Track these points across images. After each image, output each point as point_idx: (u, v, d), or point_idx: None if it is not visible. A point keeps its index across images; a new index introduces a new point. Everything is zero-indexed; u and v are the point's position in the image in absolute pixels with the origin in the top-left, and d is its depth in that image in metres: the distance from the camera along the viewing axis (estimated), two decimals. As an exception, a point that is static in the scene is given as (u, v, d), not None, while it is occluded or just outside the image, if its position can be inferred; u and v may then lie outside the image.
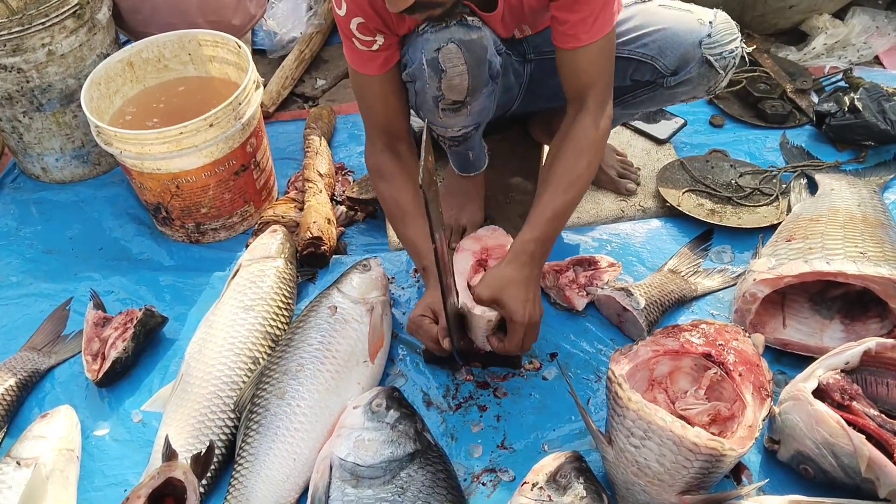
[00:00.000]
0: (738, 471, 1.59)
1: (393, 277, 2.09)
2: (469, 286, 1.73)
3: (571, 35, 1.59)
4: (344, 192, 2.35)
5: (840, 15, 2.86)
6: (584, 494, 1.43)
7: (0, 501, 1.54)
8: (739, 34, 1.80)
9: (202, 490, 1.58)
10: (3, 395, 1.82)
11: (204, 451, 1.55)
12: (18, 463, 1.62)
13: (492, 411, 1.77)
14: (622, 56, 1.75)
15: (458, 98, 1.58)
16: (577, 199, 1.69)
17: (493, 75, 1.62)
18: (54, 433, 1.69)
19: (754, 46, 2.18)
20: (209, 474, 1.61)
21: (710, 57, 1.74)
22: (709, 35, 1.74)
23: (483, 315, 1.65)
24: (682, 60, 1.76)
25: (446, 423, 1.76)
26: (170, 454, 1.45)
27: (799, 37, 2.89)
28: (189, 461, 1.51)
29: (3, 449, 1.75)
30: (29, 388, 1.90)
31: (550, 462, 1.51)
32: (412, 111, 1.80)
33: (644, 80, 1.83)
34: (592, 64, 1.62)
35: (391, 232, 2.23)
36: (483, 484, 1.64)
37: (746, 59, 1.88)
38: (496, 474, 1.66)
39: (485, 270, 1.73)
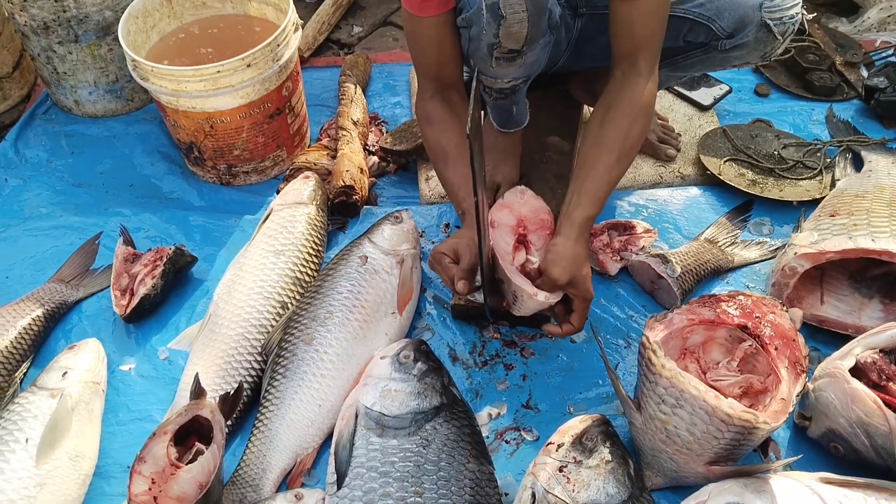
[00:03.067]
0: (765, 445, 1.57)
1: (423, 231, 2.07)
2: (523, 269, 1.64)
3: None
4: (377, 142, 2.32)
5: (895, -12, 2.77)
6: (610, 459, 1.42)
7: (25, 430, 1.55)
8: None
9: (226, 430, 1.58)
10: (30, 324, 1.82)
11: (233, 391, 1.55)
12: (45, 392, 1.62)
13: (518, 370, 1.76)
14: (677, 15, 1.70)
15: (514, 47, 1.52)
16: (628, 168, 1.65)
17: (552, 25, 1.56)
18: (81, 365, 1.70)
19: (814, 14, 2.09)
20: (234, 415, 1.61)
21: (769, 21, 1.68)
22: None
23: (547, 300, 1.55)
24: (740, 23, 1.70)
25: (472, 380, 1.75)
26: (198, 392, 1.44)
27: (851, 8, 2.80)
28: (216, 400, 1.50)
29: (28, 378, 1.76)
30: (56, 319, 1.90)
31: (577, 424, 1.50)
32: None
33: (698, 42, 1.77)
34: (647, 21, 1.56)
35: (423, 185, 2.20)
36: (506, 442, 1.64)
37: (805, 26, 1.82)
38: (520, 433, 1.65)
39: (524, 246, 1.65)
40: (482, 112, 1.91)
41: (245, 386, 1.66)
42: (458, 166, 1.68)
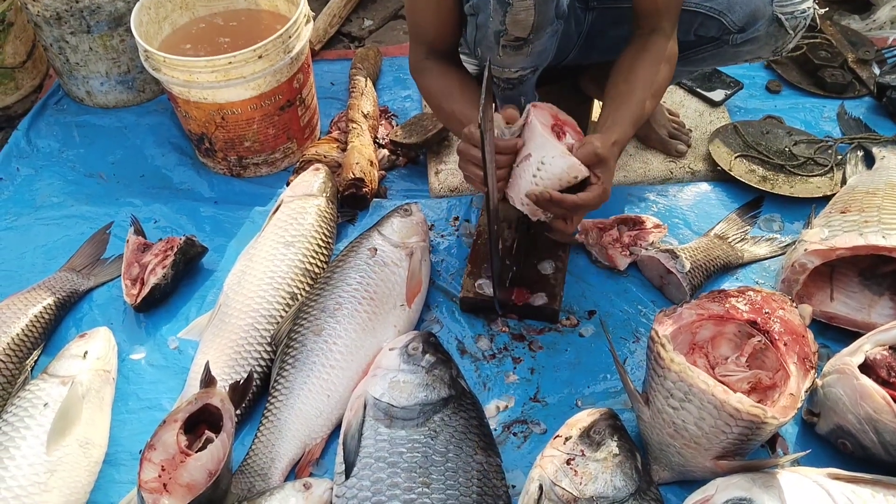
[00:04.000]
0: (773, 441, 1.57)
1: (433, 224, 2.08)
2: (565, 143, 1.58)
3: None
4: (387, 135, 2.32)
5: (909, -15, 2.76)
6: (618, 452, 1.42)
7: (36, 417, 1.56)
8: None
9: (235, 419, 1.59)
10: (41, 313, 1.83)
11: (243, 380, 1.55)
12: (56, 379, 1.63)
13: (526, 364, 1.77)
14: (688, 9, 1.69)
15: (521, 35, 1.52)
16: (653, 110, 1.67)
17: (560, 14, 1.56)
18: (92, 353, 1.70)
19: (826, 8, 2.09)
20: (243, 404, 1.61)
21: (780, 15, 1.68)
22: None
23: (573, 166, 1.51)
24: (752, 17, 1.70)
25: (480, 372, 1.75)
26: (209, 381, 1.45)
27: (863, 5, 2.79)
28: (226, 389, 1.51)
29: (39, 366, 1.77)
30: (67, 308, 1.91)
31: (585, 417, 1.50)
32: (466, 54, 1.75)
33: (709, 36, 1.77)
34: None
35: (432, 179, 2.20)
36: (514, 434, 1.64)
37: (817, 21, 1.81)
38: (528, 426, 1.66)
39: (557, 138, 1.59)
40: (493, 106, 1.91)
41: (255, 375, 1.67)
42: (462, 98, 1.67)
